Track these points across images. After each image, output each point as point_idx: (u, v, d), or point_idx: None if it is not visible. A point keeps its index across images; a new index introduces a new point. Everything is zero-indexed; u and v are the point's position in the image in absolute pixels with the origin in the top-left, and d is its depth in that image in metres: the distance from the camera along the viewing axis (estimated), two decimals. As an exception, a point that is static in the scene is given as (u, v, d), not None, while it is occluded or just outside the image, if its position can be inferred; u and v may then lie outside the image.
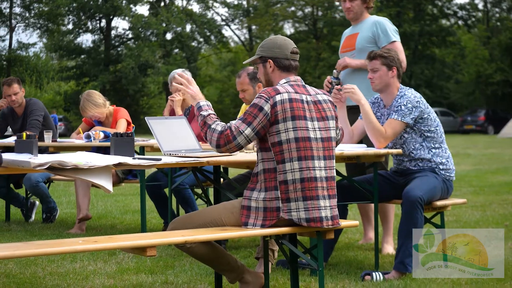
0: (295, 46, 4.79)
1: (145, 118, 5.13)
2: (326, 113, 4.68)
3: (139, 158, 4.63)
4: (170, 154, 5.00)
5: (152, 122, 5.13)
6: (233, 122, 4.57)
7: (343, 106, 6.27)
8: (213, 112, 4.70)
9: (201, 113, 4.70)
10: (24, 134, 4.66)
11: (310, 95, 4.66)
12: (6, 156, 4.28)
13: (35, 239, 7.43)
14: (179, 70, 8.07)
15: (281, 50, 4.71)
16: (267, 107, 4.50)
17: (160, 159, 4.62)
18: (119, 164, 4.38)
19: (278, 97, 4.51)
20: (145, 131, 39.96)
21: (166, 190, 7.83)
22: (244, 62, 5.09)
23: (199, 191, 8.18)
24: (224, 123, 4.60)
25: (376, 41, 6.97)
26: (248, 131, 4.52)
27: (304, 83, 4.73)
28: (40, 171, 4.14)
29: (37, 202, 9.11)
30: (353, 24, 7.21)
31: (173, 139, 5.18)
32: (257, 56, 4.80)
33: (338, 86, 6.29)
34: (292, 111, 4.51)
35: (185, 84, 4.91)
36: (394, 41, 6.92)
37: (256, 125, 4.51)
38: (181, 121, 5.38)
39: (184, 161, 4.73)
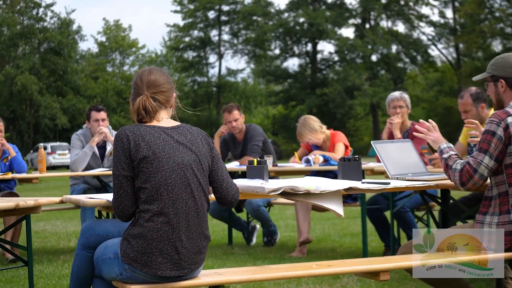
0: None
1: (371, 142, 5.15)
2: None
3: (368, 182, 4.64)
4: (397, 177, 4.97)
5: (378, 146, 5.13)
6: (470, 156, 4.47)
7: None
8: (454, 153, 4.60)
9: (443, 156, 4.62)
10: (255, 160, 4.78)
11: None
12: (238, 182, 4.41)
13: (258, 263, 7.58)
14: (397, 93, 8.02)
15: None
16: (499, 131, 4.36)
17: (389, 183, 4.60)
18: (350, 189, 4.41)
19: (509, 119, 4.36)
20: (356, 153, 39.83)
21: (386, 213, 7.78)
22: (473, 78, 4.94)
23: (419, 214, 8.09)
24: (463, 160, 4.49)
25: None
26: (486, 159, 4.38)
27: None
28: (273, 196, 4.22)
29: (258, 226, 9.30)
30: None
31: (399, 162, 5.15)
32: (487, 74, 4.66)
33: None
34: None
35: (425, 132, 4.87)
36: None
37: (492, 151, 4.37)
38: (406, 144, 5.35)
39: (413, 185, 4.69)
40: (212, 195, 4.09)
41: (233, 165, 8.61)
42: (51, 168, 40.80)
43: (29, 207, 4.84)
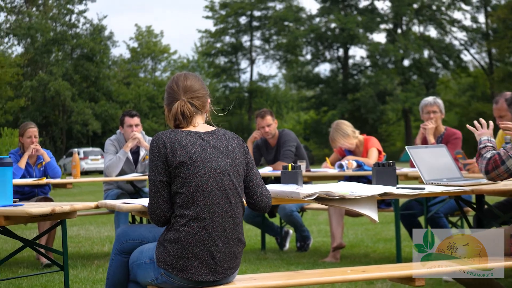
0: None
1: (406, 147, 5.13)
2: None
3: (402, 188, 4.62)
4: (431, 183, 4.95)
5: (413, 151, 5.12)
6: (503, 148, 4.45)
7: None
8: (491, 144, 4.59)
9: (479, 146, 4.62)
10: (290, 165, 4.78)
11: None
12: (272, 187, 4.41)
13: (292, 268, 7.57)
14: (430, 98, 7.98)
15: None
16: None
17: (424, 188, 4.59)
18: (385, 194, 4.40)
19: None
20: (389, 158, 39.64)
21: (420, 218, 7.74)
22: None
23: (453, 219, 8.04)
24: (495, 151, 4.47)
25: None
26: None
27: None
28: (308, 201, 4.22)
29: (291, 231, 9.29)
30: None
31: (434, 168, 5.13)
32: None
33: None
34: None
35: (477, 127, 4.88)
36: None
37: None
38: (440, 150, 5.32)
39: (448, 190, 4.67)
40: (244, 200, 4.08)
41: (266, 170, 8.62)
42: (84, 173, 41.02)
43: (65, 212, 4.88)
